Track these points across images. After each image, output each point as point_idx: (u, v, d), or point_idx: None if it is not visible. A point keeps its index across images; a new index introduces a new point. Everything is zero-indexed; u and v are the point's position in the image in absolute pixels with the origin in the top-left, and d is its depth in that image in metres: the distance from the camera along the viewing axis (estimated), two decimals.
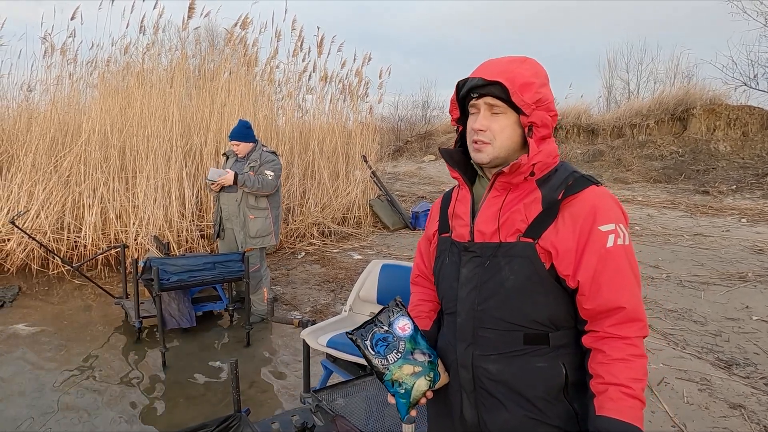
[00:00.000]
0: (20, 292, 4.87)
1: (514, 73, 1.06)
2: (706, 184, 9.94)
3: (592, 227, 1.04)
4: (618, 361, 1.02)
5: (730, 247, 6.37)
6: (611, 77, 17.65)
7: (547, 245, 1.05)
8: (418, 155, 15.95)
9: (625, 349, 1.02)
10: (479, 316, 1.12)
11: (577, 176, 1.10)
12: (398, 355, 1.13)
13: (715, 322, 4.07)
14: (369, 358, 1.14)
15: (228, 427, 2.08)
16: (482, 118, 1.11)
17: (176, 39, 7.33)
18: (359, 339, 1.16)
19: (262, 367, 3.49)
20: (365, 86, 8.11)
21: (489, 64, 1.11)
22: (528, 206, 1.09)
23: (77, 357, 3.56)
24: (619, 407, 1.00)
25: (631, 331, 1.02)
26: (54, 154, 5.84)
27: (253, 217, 4.09)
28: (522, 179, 1.10)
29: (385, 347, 1.14)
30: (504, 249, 1.09)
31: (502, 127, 1.10)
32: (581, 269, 1.04)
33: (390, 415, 1.84)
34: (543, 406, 1.08)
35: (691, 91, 12.06)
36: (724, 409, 2.82)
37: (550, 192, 1.08)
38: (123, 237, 5.60)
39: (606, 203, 1.06)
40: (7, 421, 2.75)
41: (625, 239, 1.05)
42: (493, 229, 1.11)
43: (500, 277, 1.09)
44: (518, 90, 1.05)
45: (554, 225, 1.06)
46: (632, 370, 1.01)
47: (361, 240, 7.10)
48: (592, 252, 1.03)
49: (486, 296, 1.11)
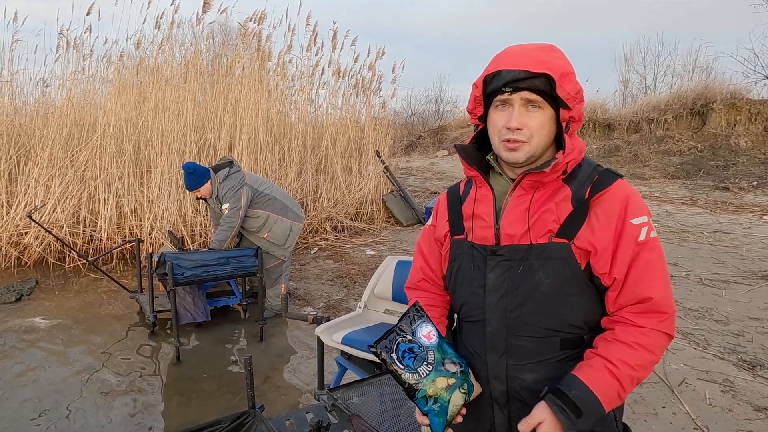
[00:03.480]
0: (37, 286, 4.92)
1: (552, 63, 0.98)
2: (725, 180, 9.73)
3: (624, 222, 1.00)
4: (621, 342, 0.98)
5: (751, 245, 6.22)
6: (628, 71, 17.34)
7: (585, 244, 1.00)
8: (431, 150, 15.87)
9: (635, 335, 0.97)
10: (513, 324, 1.05)
11: (600, 170, 1.05)
12: (429, 367, 1.02)
13: (738, 321, 3.97)
14: (398, 374, 1.02)
15: (242, 424, 2.06)
16: (519, 114, 1.00)
17: (190, 34, 7.35)
18: (384, 352, 1.03)
19: (276, 362, 3.48)
20: (378, 81, 8.06)
21: (521, 53, 1.00)
22: (559, 205, 1.03)
23: (92, 350, 3.58)
24: (594, 376, 0.96)
25: (649, 321, 0.98)
26: (70, 148, 5.89)
27: (266, 235, 4.08)
28: (554, 177, 1.04)
29: (413, 359, 1.02)
30: (536, 251, 1.03)
31: (540, 125, 1.01)
32: (616, 265, 1.00)
33: (406, 415, 1.81)
34: None
35: (711, 85, 11.81)
36: (749, 412, 2.74)
37: (579, 189, 1.03)
38: (138, 231, 5.63)
39: (635, 196, 1.03)
40: (22, 414, 2.77)
41: (653, 231, 1.02)
42: (523, 231, 1.04)
43: (534, 282, 1.02)
44: (561, 81, 0.97)
45: (587, 223, 1.01)
46: (630, 356, 0.96)
47: (374, 235, 7.07)
48: (626, 246, 0.99)
49: (519, 302, 1.04)
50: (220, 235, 3.91)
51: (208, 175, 3.93)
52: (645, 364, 0.97)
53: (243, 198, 3.92)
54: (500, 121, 1.03)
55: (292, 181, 6.82)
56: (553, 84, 0.97)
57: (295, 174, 6.90)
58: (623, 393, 0.97)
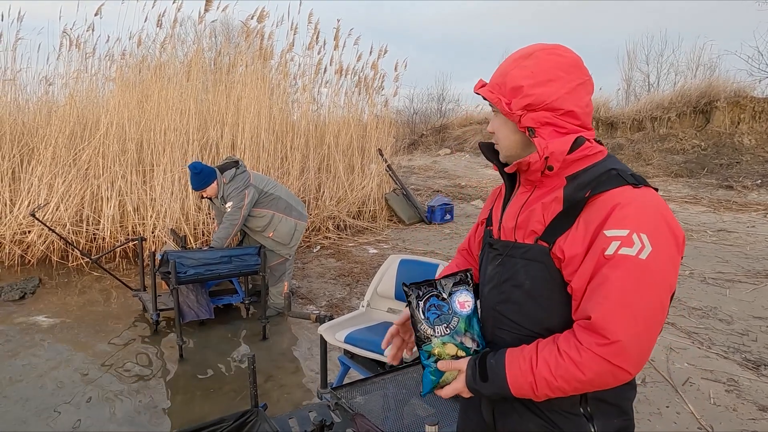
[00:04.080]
0: (41, 284, 4.93)
1: (509, 76, 1.02)
2: (729, 178, 9.70)
3: (599, 231, 0.91)
4: (556, 346, 0.93)
5: (755, 243, 6.20)
6: (631, 69, 17.31)
7: (557, 250, 0.96)
8: (434, 149, 15.86)
9: (570, 347, 0.91)
10: (497, 317, 1.09)
11: (612, 174, 0.95)
12: (447, 330, 1.03)
13: (742, 320, 3.95)
14: (416, 320, 1.04)
15: (245, 422, 2.06)
16: (492, 119, 1.10)
17: (192, 32, 7.35)
18: (413, 295, 1.05)
19: (279, 361, 3.48)
20: (381, 79, 8.05)
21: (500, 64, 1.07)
22: (546, 206, 1.00)
23: (96, 348, 3.59)
24: (515, 360, 0.96)
25: (586, 340, 0.89)
26: (73, 147, 5.90)
27: (271, 234, 4.08)
28: (538, 176, 1.03)
29: (435, 317, 1.04)
30: (520, 250, 1.04)
31: (497, 127, 1.08)
32: (577, 275, 0.93)
33: (409, 415, 1.80)
34: (555, 417, 1.01)
35: (715, 83, 11.76)
36: (753, 411, 2.73)
37: (575, 191, 0.97)
38: (140, 230, 5.64)
39: (631, 206, 0.90)
40: (25, 412, 2.78)
41: (640, 252, 0.87)
42: (511, 227, 1.07)
43: (517, 281, 1.04)
44: (506, 96, 1.02)
45: (570, 229, 0.95)
46: (554, 362, 0.91)
47: (377, 234, 7.07)
48: (591, 258, 0.91)
49: (503, 298, 1.07)
50: (221, 233, 3.92)
51: (214, 176, 3.94)
52: (567, 377, 0.90)
53: (247, 197, 3.92)
54: None
55: (294, 179, 6.82)
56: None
57: (297, 172, 6.90)
58: (538, 391, 0.93)
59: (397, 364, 1.32)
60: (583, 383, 0.91)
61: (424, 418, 1.76)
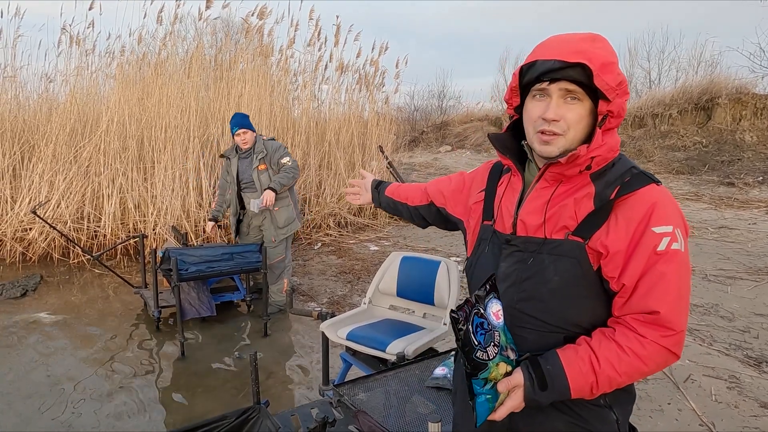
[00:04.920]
0: (42, 281, 4.94)
1: (592, 53, 0.93)
2: (731, 175, 9.68)
3: (645, 228, 0.94)
4: (615, 343, 0.94)
5: (757, 240, 6.19)
6: (632, 66, 17.22)
7: (597, 245, 0.96)
8: (434, 146, 15.84)
9: (632, 342, 0.93)
10: (517, 315, 1.04)
11: (635, 172, 0.99)
12: (495, 349, 0.94)
13: (744, 317, 3.95)
14: (471, 348, 0.91)
15: (248, 419, 2.06)
16: (556, 106, 0.96)
17: (192, 29, 7.33)
18: (464, 321, 0.92)
19: (280, 358, 3.48)
20: (382, 76, 8.03)
21: (559, 42, 0.96)
22: (579, 202, 0.99)
23: (97, 346, 3.59)
24: (574, 362, 0.94)
25: (651, 333, 0.92)
26: (74, 144, 5.90)
27: (278, 209, 4.10)
28: (576, 172, 1.00)
29: (484, 336, 0.93)
30: (550, 246, 1.00)
31: (578, 117, 0.97)
32: (627, 272, 0.94)
33: (412, 412, 1.80)
34: (581, 411, 1.02)
35: (716, 80, 11.74)
36: (755, 408, 2.73)
37: (605, 188, 0.98)
38: (141, 227, 5.64)
39: (665, 203, 0.95)
40: (27, 409, 2.78)
41: (681, 245, 0.94)
42: (539, 223, 1.02)
43: (543, 278, 1.00)
44: (600, 72, 0.92)
45: (606, 225, 0.96)
46: (618, 360, 0.92)
47: (378, 231, 7.07)
48: (641, 254, 0.93)
49: (525, 296, 1.03)
50: (283, 179, 4.00)
51: (254, 129, 4.12)
52: (631, 373, 0.94)
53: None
54: (536, 112, 0.99)
55: None
56: (591, 74, 0.92)
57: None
58: (596, 389, 0.95)
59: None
60: (643, 374, 0.95)
61: (427, 415, 1.77)
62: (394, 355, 2.33)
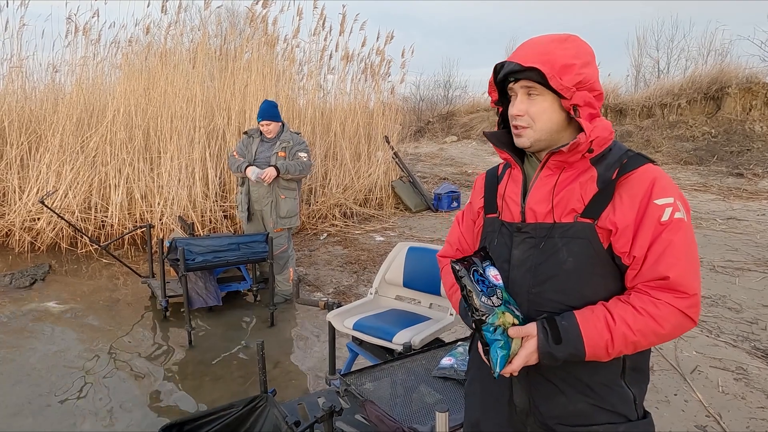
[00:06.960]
0: (50, 270, 4.98)
1: (554, 54, 1.03)
2: (740, 166, 9.58)
3: (649, 201, 1.01)
4: (629, 305, 0.99)
5: (765, 231, 6.15)
6: (640, 55, 17.02)
7: (606, 224, 1.02)
8: (440, 136, 15.76)
9: (646, 303, 0.98)
10: (535, 299, 1.08)
11: (631, 155, 1.07)
12: (499, 300, 1.02)
13: (751, 309, 3.93)
14: (471, 295, 1.00)
15: (255, 408, 2.08)
16: (519, 102, 1.08)
17: (198, 19, 7.30)
18: (463, 270, 1.02)
19: (287, 347, 3.50)
20: (387, 66, 7.97)
21: (528, 46, 1.08)
22: (584, 185, 1.06)
23: (105, 335, 3.63)
24: (588, 319, 0.99)
25: (664, 296, 0.98)
26: (80, 134, 5.91)
27: (284, 197, 4.12)
28: (579, 157, 1.07)
29: (486, 288, 1.02)
30: (560, 230, 1.06)
31: (541, 110, 1.07)
32: (637, 244, 1.00)
33: (418, 401, 1.81)
34: (602, 391, 1.07)
35: (726, 69, 11.55)
36: (762, 400, 2.72)
37: (606, 171, 1.06)
38: (148, 217, 5.67)
39: (663, 179, 1.04)
40: (34, 397, 2.82)
41: (684, 214, 1.01)
42: (547, 210, 1.08)
43: (557, 259, 1.06)
44: (557, 73, 1.01)
45: (612, 204, 1.03)
46: (632, 318, 0.97)
47: (383, 222, 7.07)
48: (648, 226, 1.00)
49: (542, 279, 1.07)
50: (291, 166, 4.04)
51: (280, 120, 4.21)
52: (646, 332, 0.97)
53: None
54: (510, 110, 1.11)
55: None
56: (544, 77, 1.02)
57: None
58: (612, 348, 0.98)
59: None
60: (660, 337, 0.99)
61: (434, 404, 1.77)
62: (400, 345, 2.34)
